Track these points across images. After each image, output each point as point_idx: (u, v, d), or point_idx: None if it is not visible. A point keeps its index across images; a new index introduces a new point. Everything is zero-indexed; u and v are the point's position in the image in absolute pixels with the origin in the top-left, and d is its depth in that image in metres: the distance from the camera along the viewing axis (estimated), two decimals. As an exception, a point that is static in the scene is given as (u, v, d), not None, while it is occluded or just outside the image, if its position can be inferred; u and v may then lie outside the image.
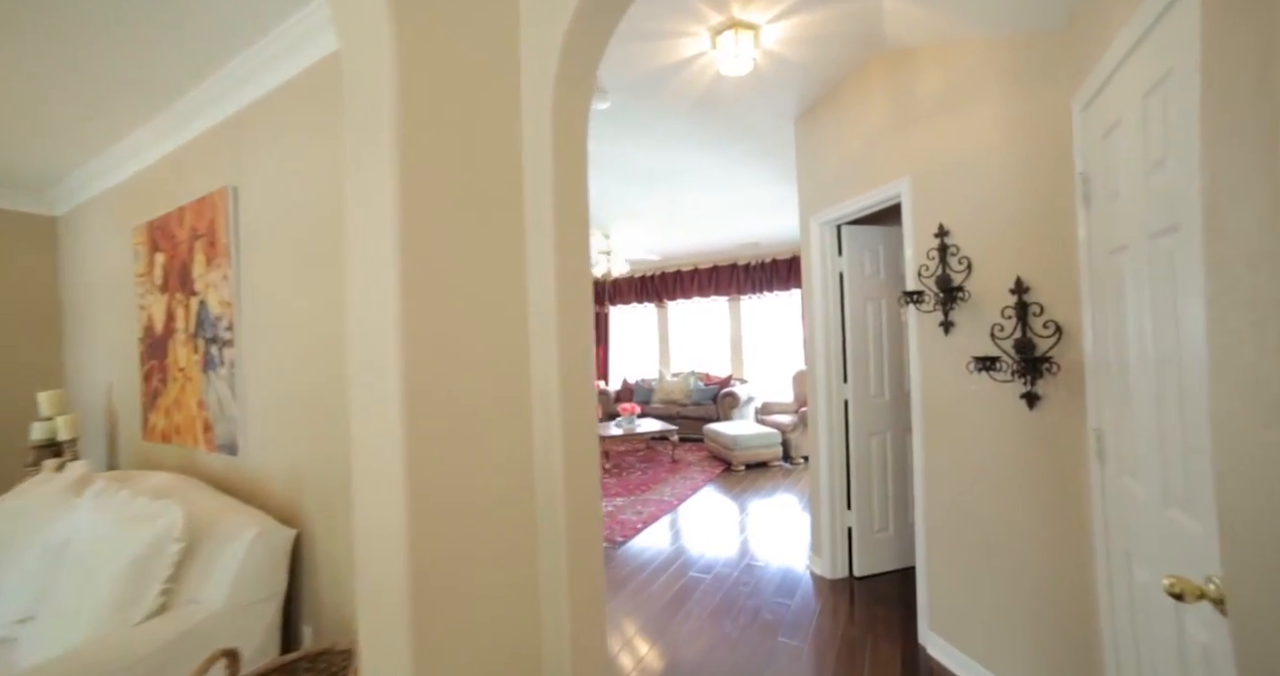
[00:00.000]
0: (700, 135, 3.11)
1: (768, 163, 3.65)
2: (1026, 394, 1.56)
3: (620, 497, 4.39)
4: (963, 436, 1.87)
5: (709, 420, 6.50)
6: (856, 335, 2.72)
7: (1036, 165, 1.57)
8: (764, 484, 4.75)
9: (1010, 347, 1.60)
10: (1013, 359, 1.58)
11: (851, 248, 2.73)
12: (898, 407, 2.76)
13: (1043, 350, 1.50)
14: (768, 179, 4.03)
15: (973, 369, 1.70)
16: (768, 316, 7.40)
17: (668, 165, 3.60)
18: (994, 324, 1.67)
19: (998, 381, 1.65)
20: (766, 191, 4.38)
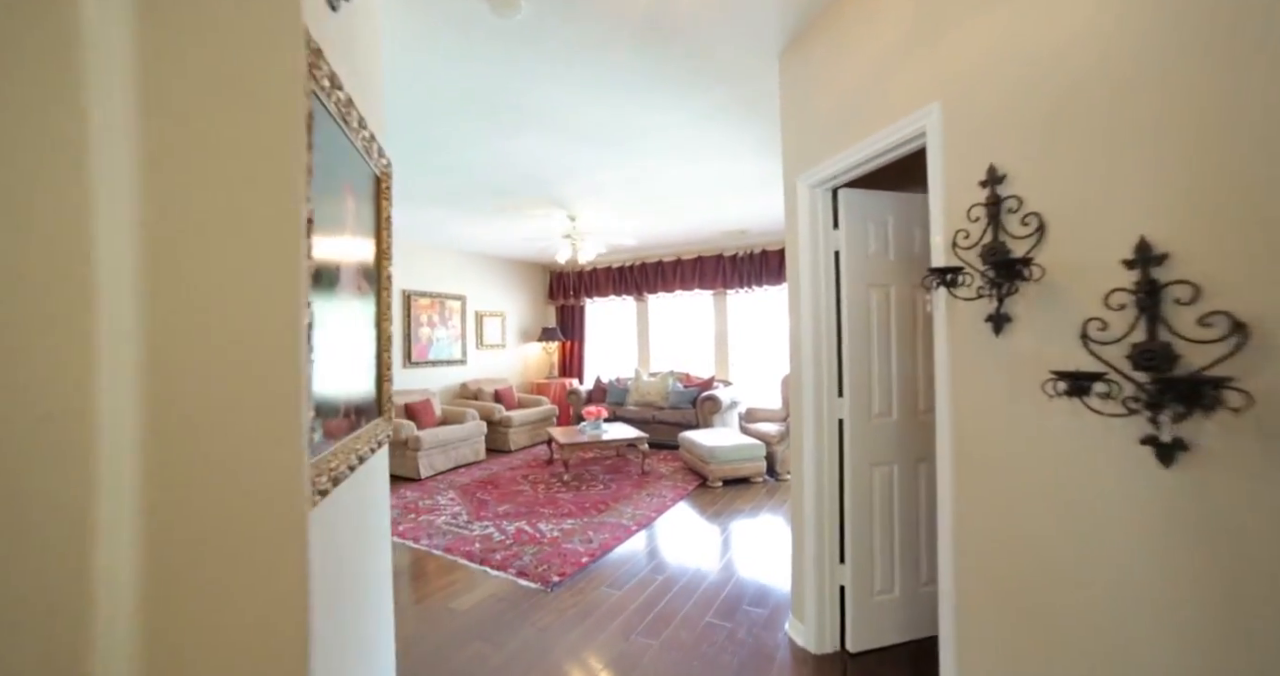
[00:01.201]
0: (655, 79, 2.43)
1: (749, 126, 2.97)
2: (1163, 442, 0.90)
3: (571, 519, 3.72)
4: (1026, 492, 1.21)
5: (687, 426, 5.84)
6: (856, 334, 2.05)
7: (1188, 45, 0.90)
8: (743, 504, 4.09)
9: (1122, 358, 0.94)
10: (1131, 379, 0.92)
11: (852, 218, 2.06)
12: (910, 431, 2.10)
13: (1199, 365, 0.84)
14: (751, 150, 3.35)
15: (1053, 390, 1.04)
16: (755, 313, 6.75)
17: (623, 121, 2.91)
18: (1088, 319, 1.01)
19: (1101, 414, 0.98)
20: (750, 167, 3.71)
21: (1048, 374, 1.06)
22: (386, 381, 1.52)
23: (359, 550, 1.33)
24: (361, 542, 1.36)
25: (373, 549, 1.49)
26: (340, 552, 1.18)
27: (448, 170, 3.65)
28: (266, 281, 0.76)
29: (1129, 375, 0.92)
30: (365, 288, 1.37)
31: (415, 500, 4.25)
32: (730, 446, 4.54)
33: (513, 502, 4.13)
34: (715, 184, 4.14)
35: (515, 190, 4.12)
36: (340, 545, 1.17)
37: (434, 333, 6.33)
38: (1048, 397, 1.09)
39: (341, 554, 1.19)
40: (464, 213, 4.82)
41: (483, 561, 3.05)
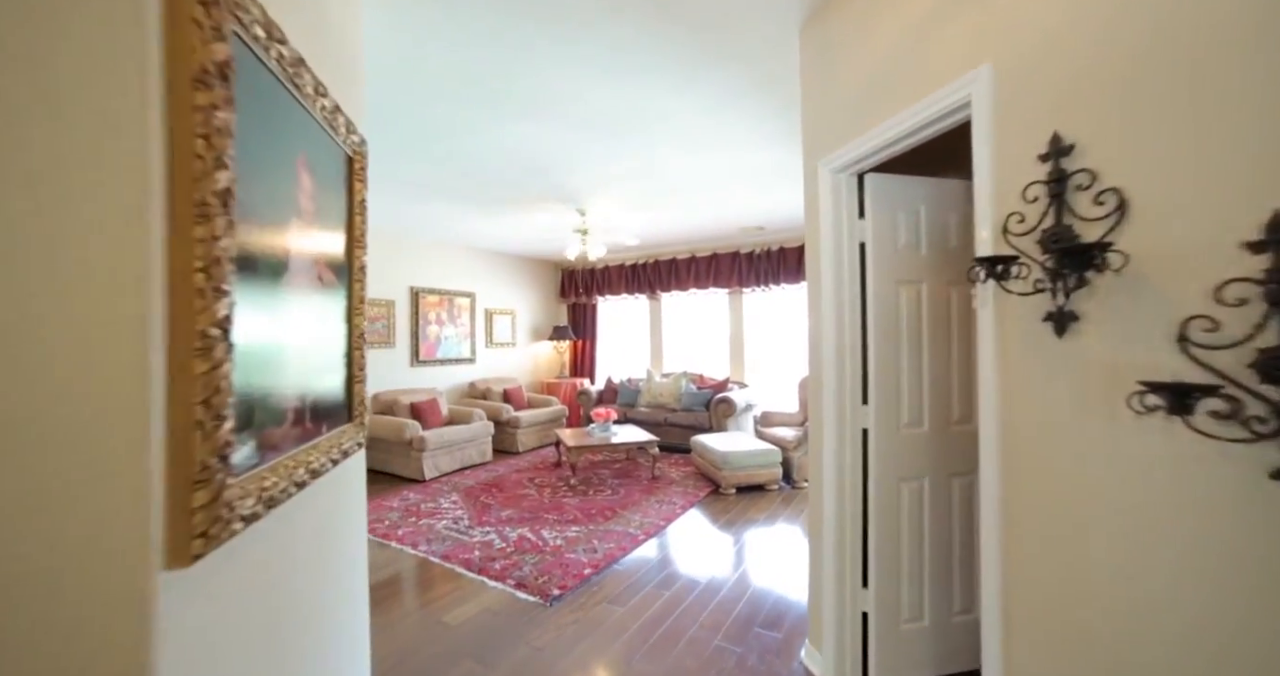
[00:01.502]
0: (663, 58, 2.25)
1: (765, 112, 2.78)
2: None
3: (576, 527, 3.56)
4: (1097, 520, 1.00)
5: (700, 429, 5.65)
6: (884, 336, 1.85)
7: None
8: (757, 513, 3.89)
9: (1241, 368, 0.74)
10: (1260, 396, 0.72)
11: (880, 207, 1.86)
12: (943, 444, 1.89)
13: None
14: (767, 138, 3.15)
15: (1142, 405, 0.84)
16: (772, 312, 6.52)
17: (629, 106, 2.74)
18: (1189, 317, 0.80)
19: (1214, 438, 0.78)
20: (766, 157, 3.50)
21: (1134, 385, 0.86)
22: (359, 383, 1.37)
23: (318, 575, 1.18)
24: (323, 565, 1.21)
25: (341, 570, 1.34)
26: (288, 583, 1.03)
27: (449, 160, 3.52)
28: (94, 261, 0.59)
29: (1256, 390, 0.71)
30: (330, 279, 1.22)
31: (417, 502, 4.13)
32: (744, 452, 4.34)
33: (517, 507, 3.98)
34: (729, 176, 3.94)
35: (521, 183, 3.98)
36: (286, 575, 1.02)
37: (442, 331, 6.23)
38: (1134, 414, 0.89)
39: (292, 584, 1.04)
40: (471, 207, 4.70)
41: (481, 570, 2.91)
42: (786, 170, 3.82)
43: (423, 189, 4.14)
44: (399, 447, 4.87)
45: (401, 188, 4.09)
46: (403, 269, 5.79)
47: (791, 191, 4.38)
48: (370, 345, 5.44)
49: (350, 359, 1.34)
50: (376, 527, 3.58)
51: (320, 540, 1.20)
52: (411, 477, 4.81)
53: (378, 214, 4.84)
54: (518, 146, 3.24)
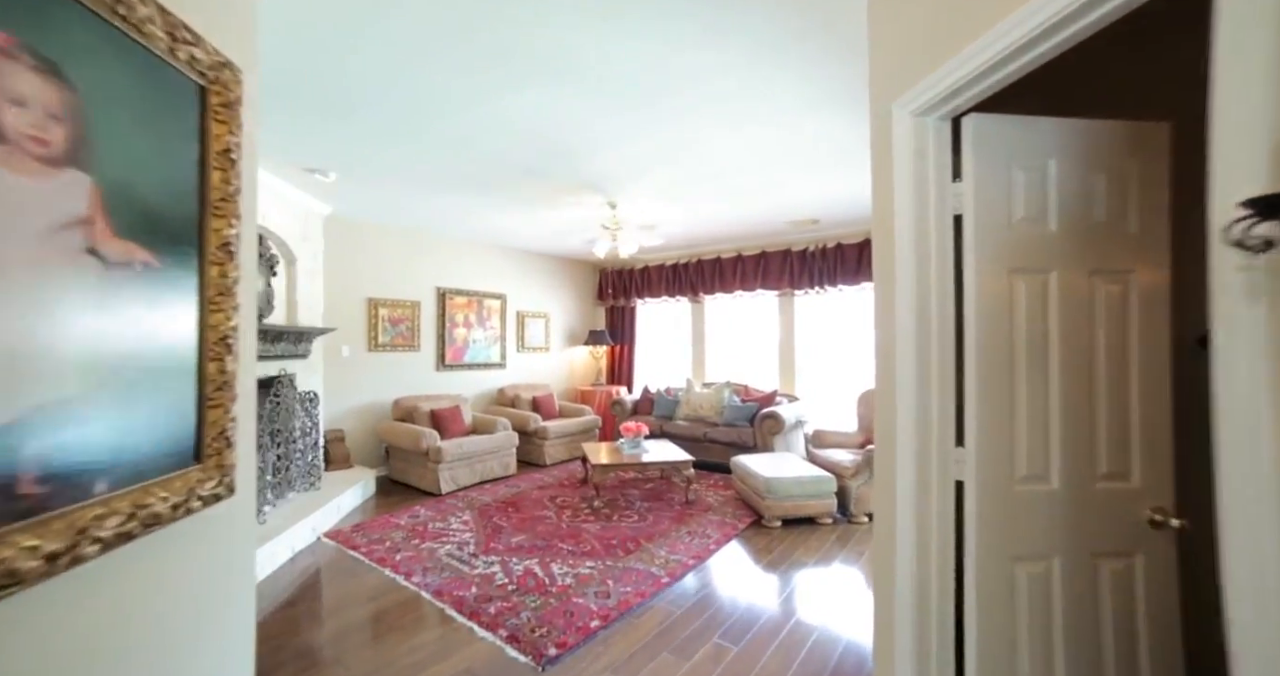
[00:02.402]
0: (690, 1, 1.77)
1: (819, 67, 2.24)
2: None
3: (591, 561, 3.10)
4: None
5: (743, 447, 5.07)
6: (990, 348, 1.28)
7: None
8: (806, 554, 3.29)
9: None
10: None
11: (987, 163, 1.29)
12: (1086, 508, 1.28)
13: None
14: (821, 102, 2.60)
15: None
16: (827, 318, 5.86)
17: (650, 63, 2.27)
18: None
19: None
20: (820, 129, 2.94)
21: None
22: (217, 407, 0.96)
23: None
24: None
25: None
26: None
27: (456, 144, 3.16)
28: None
29: None
30: (145, 259, 0.81)
31: (427, 520, 3.80)
32: (792, 478, 3.74)
33: (530, 532, 3.57)
34: (776, 156, 3.39)
35: (541, 169, 3.58)
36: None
37: (470, 334, 5.97)
38: None
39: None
40: (491, 200, 4.36)
41: (473, 614, 2.49)
42: (844, 148, 3.23)
43: (432, 180, 3.82)
44: (416, 458, 4.59)
45: (409, 179, 3.80)
46: (428, 269, 5.56)
47: (850, 175, 3.77)
48: (392, 348, 5.22)
49: (202, 374, 0.93)
50: (375, 550, 3.25)
51: (125, 637, 0.78)
52: (427, 490, 4.51)
53: (393, 211, 4.60)
54: (527, 122, 2.84)
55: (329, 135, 2.98)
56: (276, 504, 3.45)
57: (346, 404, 4.87)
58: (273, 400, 3.45)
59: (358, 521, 3.78)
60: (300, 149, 3.17)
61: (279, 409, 3.53)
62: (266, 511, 3.29)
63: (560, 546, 3.32)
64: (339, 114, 2.71)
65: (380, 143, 3.09)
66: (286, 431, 3.66)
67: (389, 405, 5.08)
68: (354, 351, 4.95)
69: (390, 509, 4.08)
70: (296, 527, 3.26)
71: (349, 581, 2.86)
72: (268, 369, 3.58)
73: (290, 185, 3.90)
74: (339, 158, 3.35)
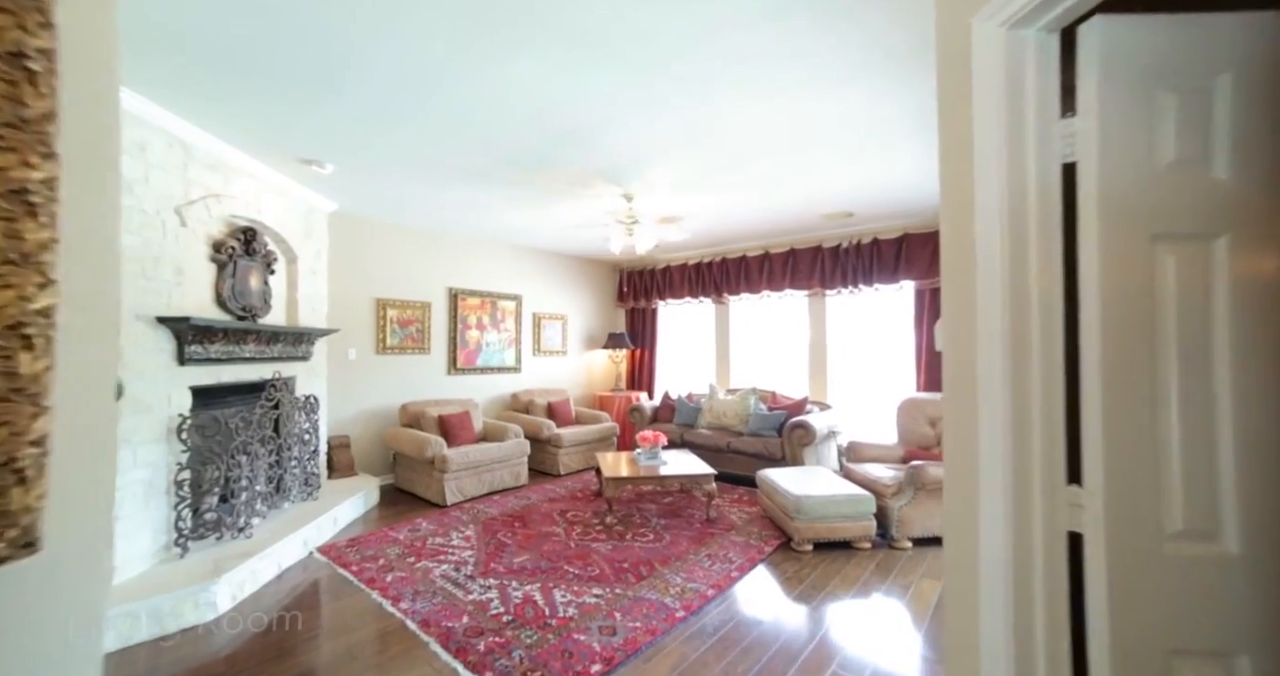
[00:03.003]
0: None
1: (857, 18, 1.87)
2: None
3: (599, 587, 2.76)
4: None
5: (770, 459, 4.67)
6: (1123, 349, 0.90)
7: None
8: (842, 585, 2.88)
9: None
10: None
11: (1120, 86, 0.91)
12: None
13: None
14: (858, 68, 2.23)
15: None
16: (863, 319, 5.41)
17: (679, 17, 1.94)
18: None
19: None
20: (856, 97, 2.56)
21: None
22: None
23: None
24: None
25: None
26: None
27: (454, 126, 2.90)
28: None
29: None
30: None
31: (427, 535, 3.53)
32: (824, 497, 3.34)
33: (534, 551, 3.26)
34: (808, 136, 3.01)
35: (547, 154, 3.29)
36: None
37: (484, 336, 5.73)
38: None
39: None
40: (497, 193, 4.10)
41: (460, 651, 2.19)
42: (886, 124, 2.84)
43: (433, 170, 3.58)
44: (421, 466, 4.35)
45: (409, 169, 3.56)
46: (439, 268, 5.35)
47: (889, 159, 3.36)
48: (402, 351, 5.02)
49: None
50: (366, 568, 2.99)
51: None
52: (432, 501, 4.26)
53: (400, 207, 4.39)
54: (527, 99, 2.55)
55: (316, 118, 2.75)
56: (267, 515, 3.24)
57: (353, 409, 4.67)
58: (263, 405, 3.23)
59: (355, 535, 3.54)
60: (287, 136, 2.96)
61: (270, 415, 3.32)
62: (255, 524, 3.07)
63: (566, 569, 3.00)
64: (322, 92, 2.47)
65: (372, 126, 2.85)
66: (281, 438, 3.45)
67: (397, 410, 4.87)
68: (361, 354, 4.76)
69: (391, 521, 3.84)
70: (286, 541, 3.03)
71: (332, 605, 2.60)
72: (261, 371, 3.38)
73: (289, 179, 3.72)
74: (331, 146, 3.13)
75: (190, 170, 2.84)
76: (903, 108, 2.66)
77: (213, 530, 2.79)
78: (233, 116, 2.71)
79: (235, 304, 3.21)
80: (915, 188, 3.98)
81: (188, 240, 2.86)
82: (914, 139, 3.04)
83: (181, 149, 2.77)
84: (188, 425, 2.66)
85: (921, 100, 2.56)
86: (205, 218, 2.97)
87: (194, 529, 2.71)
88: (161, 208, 2.63)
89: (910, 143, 3.10)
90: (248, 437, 3.04)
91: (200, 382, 2.89)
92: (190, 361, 2.78)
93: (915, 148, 3.18)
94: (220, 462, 2.84)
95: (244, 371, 3.25)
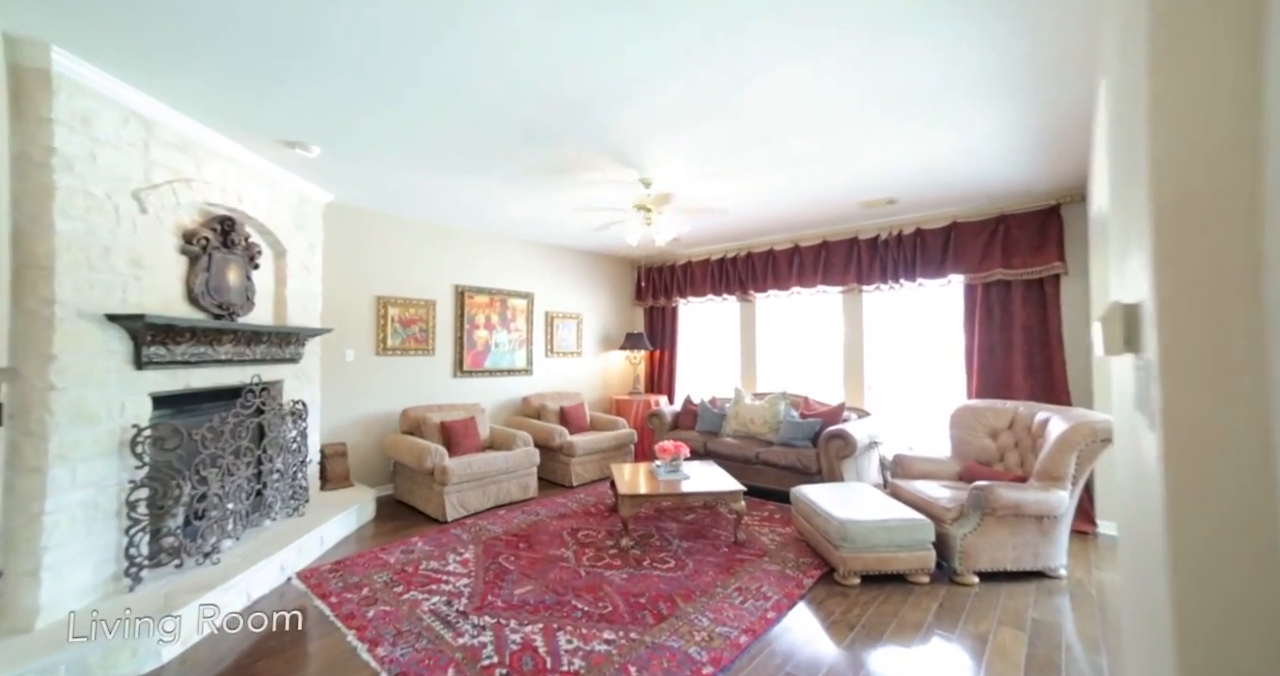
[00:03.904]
0: None
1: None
2: None
3: (611, 630, 2.35)
4: None
5: (804, 472, 4.20)
6: None
7: None
8: (901, 631, 2.41)
9: None
10: None
11: None
12: None
13: None
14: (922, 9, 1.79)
15: None
16: (905, 318, 4.91)
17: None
18: None
19: None
20: (912, 53, 2.11)
21: None
22: None
23: None
24: None
25: None
26: None
27: (442, 98, 2.53)
28: None
29: None
30: None
31: (421, 558, 3.17)
32: (874, 523, 2.87)
33: (540, 580, 2.87)
34: (851, 103, 2.56)
35: (551, 129, 2.90)
36: None
37: (493, 336, 5.38)
38: None
39: None
40: (500, 178, 3.72)
41: (439, 718, 1.80)
42: (945, 88, 2.38)
43: (427, 152, 3.22)
44: (421, 478, 4.00)
45: (400, 152, 3.21)
46: (445, 264, 5.02)
47: (942, 135, 2.90)
48: (404, 352, 4.69)
49: None
50: (347, 600, 2.63)
51: None
52: (432, 516, 3.91)
53: (399, 197, 4.05)
54: (521, 60, 2.15)
55: (290, 88, 2.40)
56: (242, 536, 2.91)
57: (351, 414, 4.36)
58: (239, 413, 2.91)
59: (342, 556, 3.20)
60: (259, 109, 2.62)
61: (249, 423, 2.99)
62: (226, 547, 2.74)
63: (574, 605, 2.60)
64: (291, 55, 2.12)
65: (356, 98, 2.50)
66: (261, 449, 3.13)
67: (399, 415, 4.54)
68: (360, 355, 4.44)
69: (384, 540, 3.49)
70: (260, 567, 2.69)
71: (297, 651, 2.23)
72: (243, 375, 3.06)
73: (277, 167, 3.41)
74: (313, 124, 2.79)
75: (153, 150, 2.53)
76: (967, 66, 2.21)
77: (173, 556, 2.46)
78: (194, 87, 2.38)
79: (210, 300, 2.89)
80: (971, 169, 3.49)
81: (150, 229, 2.54)
82: (977, 106, 2.57)
83: (141, 125, 2.45)
84: (144, 437, 2.33)
85: (992, 55, 2.11)
86: (173, 204, 2.65)
87: (151, 555, 2.39)
88: (114, 191, 2.31)
89: (973, 111, 2.63)
90: (218, 449, 2.71)
91: (164, 389, 2.57)
92: (151, 365, 2.46)
93: (978, 117, 2.70)
94: (184, 479, 2.51)
95: (219, 375, 2.93)
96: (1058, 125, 2.80)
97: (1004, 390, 4.16)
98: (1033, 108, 2.60)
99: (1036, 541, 2.86)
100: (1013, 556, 2.86)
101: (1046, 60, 2.16)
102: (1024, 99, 2.50)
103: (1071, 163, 3.37)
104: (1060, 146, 3.10)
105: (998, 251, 4.23)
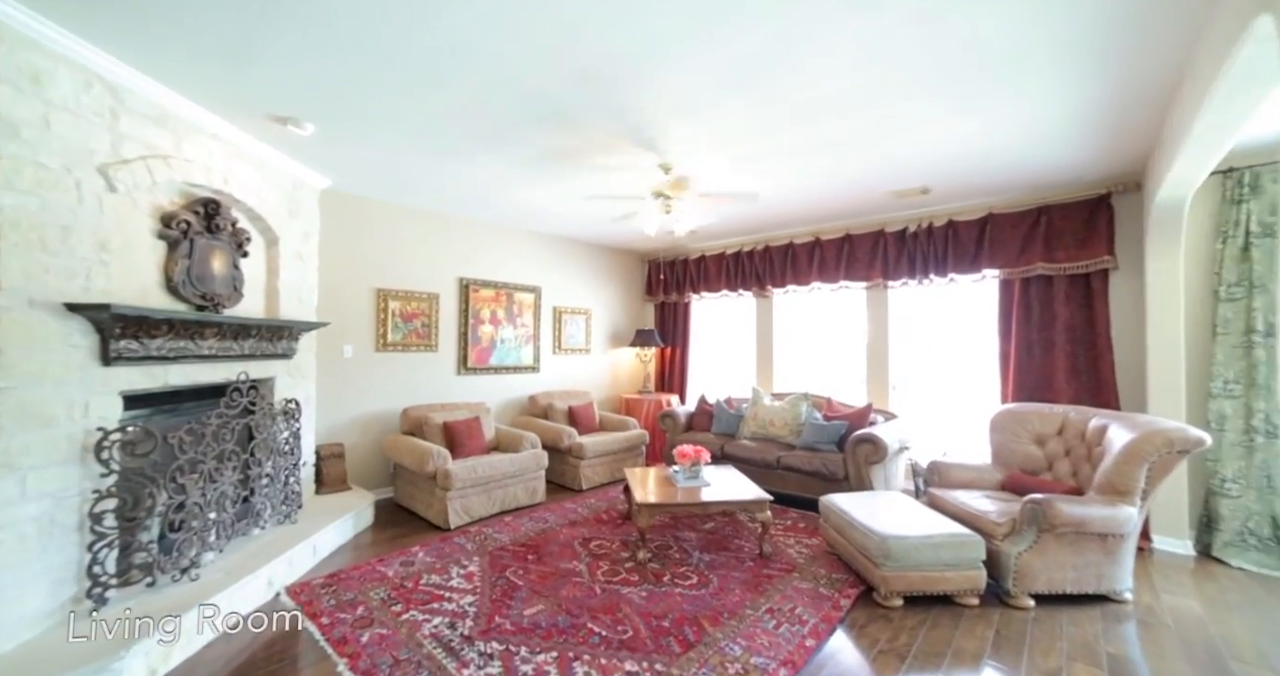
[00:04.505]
0: None
1: None
2: None
3: (634, 660, 2.09)
4: None
5: (829, 478, 3.94)
6: None
7: None
8: (956, 662, 2.15)
9: None
10: None
11: None
12: None
13: None
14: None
15: None
16: (933, 315, 4.64)
17: None
18: None
19: None
20: (985, 14, 1.83)
21: None
22: None
23: None
24: None
25: None
26: None
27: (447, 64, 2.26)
28: None
29: None
30: None
31: (422, 570, 2.92)
32: (920, 539, 2.60)
33: (552, 598, 2.61)
34: (898, 78, 2.28)
35: (567, 105, 2.63)
36: None
37: (498, 332, 5.12)
38: None
39: None
40: (513, 165, 3.45)
41: (441, 773, 1.55)
42: (1018, 56, 2.09)
43: (432, 130, 2.95)
44: (422, 481, 3.75)
45: (403, 130, 2.94)
46: (449, 256, 4.75)
47: (1000, 114, 2.62)
48: (405, 348, 4.44)
49: None
50: (339, 621, 2.38)
51: None
52: (434, 523, 3.66)
53: (401, 182, 3.78)
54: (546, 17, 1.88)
55: (276, 50, 2.13)
56: (226, 548, 2.66)
57: (349, 413, 4.11)
58: (223, 413, 2.65)
59: (337, 568, 2.95)
60: (244, 78, 2.35)
61: (235, 424, 2.74)
62: (207, 561, 2.50)
63: (590, 628, 2.34)
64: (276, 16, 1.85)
65: (350, 65, 2.23)
66: (249, 452, 2.88)
67: (399, 415, 4.29)
68: (359, 351, 4.19)
69: (383, 549, 3.24)
70: (245, 582, 2.44)
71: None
72: (229, 372, 2.81)
73: (267, 146, 3.14)
74: (305, 97, 2.52)
75: (123, 121, 2.26)
76: (1051, 25, 1.92)
77: (146, 573, 2.21)
78: (169, 51, 2.11)
79: (192, 290, 2.64)
80: (1016, 154, 3.22)
81: (121, 209, 2.29)
82: (1050, 76, 2.29)
83: (107, 92, 2.19)
84: (111, 441, 2.08)
85: (1082, 13, 1.82)
86: (148, 183, 2.39)
87: (120, 573, 2.14)
88: (75, 164, 2.05)
89: (1044, 81, 2.34)
90: (198, 454, 2.46)
91: (138, 387, 2.31)
92: (121, 360, 2.21)
93: (1047, 90, 2.42)
94: (159, 487, 2.26)
95: (203, 372, 2.68)
96: (1131, 99, 2.51)
97: (1043, 393, 3.89)
98: (1109, 79, 2.31)
99: (1100, 562, 2.59)
100: (1073, 578, 2.60)
101: (1151, 13, 1.86)
102: (1103, 68, 2.22)
103: (1134, 145, 3.08)
104: (1126, 127, 2.82)
105: (1039, 244, 3.95)
